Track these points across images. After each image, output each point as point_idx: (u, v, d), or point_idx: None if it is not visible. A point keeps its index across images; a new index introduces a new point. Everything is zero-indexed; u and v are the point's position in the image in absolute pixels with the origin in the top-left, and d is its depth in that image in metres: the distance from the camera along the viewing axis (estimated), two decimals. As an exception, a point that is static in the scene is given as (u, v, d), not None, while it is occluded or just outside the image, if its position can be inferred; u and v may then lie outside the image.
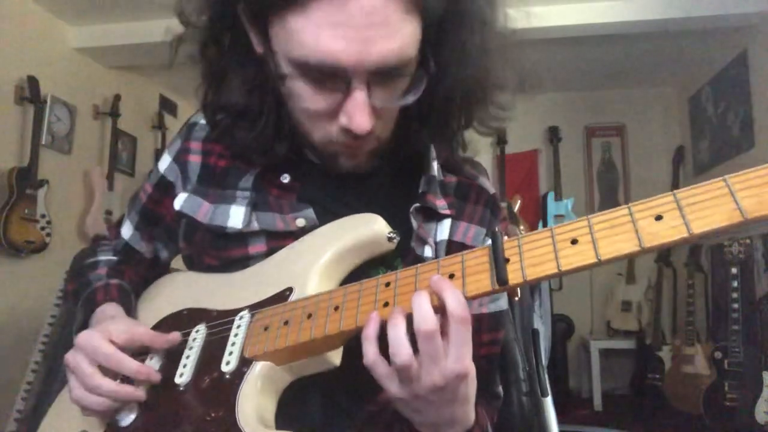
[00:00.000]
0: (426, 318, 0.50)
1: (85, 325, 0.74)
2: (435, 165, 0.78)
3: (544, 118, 4.21)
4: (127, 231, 0.87)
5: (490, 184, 0.84)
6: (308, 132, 0.69)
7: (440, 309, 0.52)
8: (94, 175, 3.19)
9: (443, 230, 0.75)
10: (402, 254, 0.70)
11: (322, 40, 0.57)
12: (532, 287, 1.12)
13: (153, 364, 0.69)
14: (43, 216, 2.77)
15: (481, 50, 0.69)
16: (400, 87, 0.65)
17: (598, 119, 4.22)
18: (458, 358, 0.51)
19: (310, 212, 0.73)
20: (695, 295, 3.18)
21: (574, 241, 0.49)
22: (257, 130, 0.71)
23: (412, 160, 0.78)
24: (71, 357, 0.66)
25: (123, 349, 0.66)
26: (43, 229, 2.77)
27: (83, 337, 0.66)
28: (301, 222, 0.72)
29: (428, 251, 0.72)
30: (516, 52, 0.73)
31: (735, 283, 2.75)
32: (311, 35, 0.57)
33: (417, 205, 0.73)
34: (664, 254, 3.58)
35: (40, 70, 2.80)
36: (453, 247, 0.75)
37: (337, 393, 0.68)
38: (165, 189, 0.81)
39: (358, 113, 0.62)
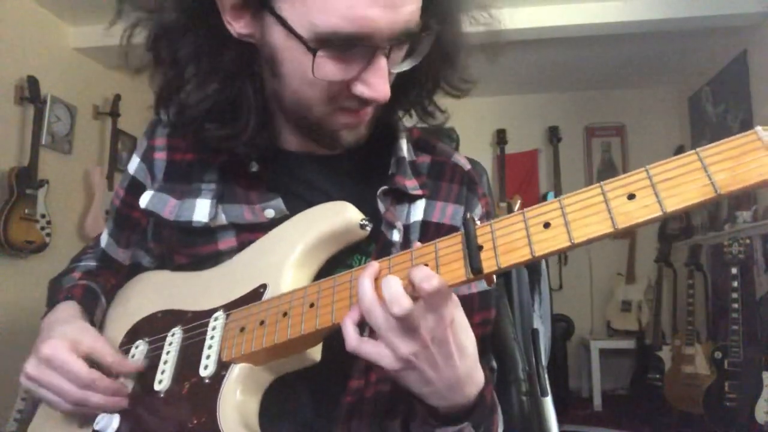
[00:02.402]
0: (429, 277, 0.49)
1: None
2: (404, 145, 0.77)
3: (544, 118, 4.21)
4: (104, 238, 0.85)
5: (465, 161, 0.82)
6: (310, 110, 0.66)
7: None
8: (94, 175, 3.19)
9: (417, 211, 0.74)
10: (375, 239, 0.69)
11: (357, 8, 0.55)
12: (532, 287, 1.12)
13: None
14: (43, 216, 2.77)
15: (458, 11, 0.69)
16: (404, 51, 0.65)
17: (598, 119, 4.22)
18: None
19: (279, 203, 0.70)
20: (695, 295, 3.18)
21: (546, 225, 0.48)
22: (241, 123, 0.67)
23: (382, 142, 0.77)
24: (38, 372, 0.64)
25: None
26: (43, 229, 2.77)
27: (48, 351, 0.63)
28: (270, 213, 0.70)
29: (396, 235, 0.70)
30: (482, 11, 0.72)
31: (735, 283, 2.74)
32: (343, 3, 0.55)
33: (385, 187, 0.71)
34: (664, 254, 3.58)
35: (40, 70, 2.80)
36: (430, 228, 0.73)
37: (325, 384, 0.67)
38: (136, 190, 0.78)
39: (381, 81, 0.60)
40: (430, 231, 0.73)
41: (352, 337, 0.52)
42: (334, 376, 0.66)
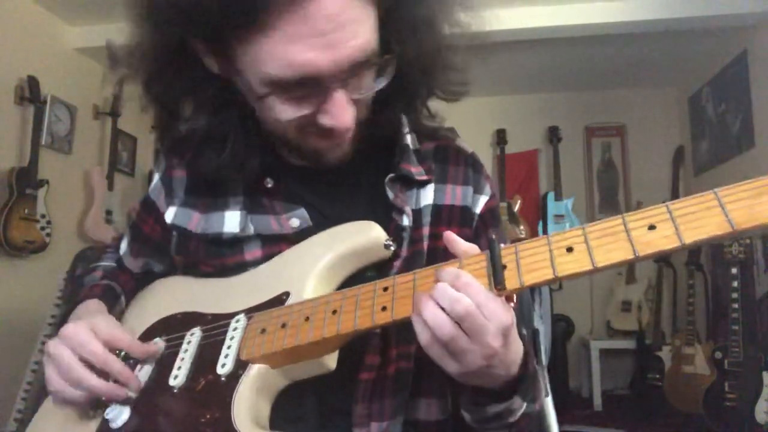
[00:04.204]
0: (459, 300, 0.51)
1: (64, 321, 0.75)
2: (408, 136, 0.79)
3: (544, 118, 4.20)
4: (123, 246, 0.89)
5: (467, 146, 0.85)
6: (288, 139, 0.70)
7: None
8: (94, 175, 3.18)
9: (426, 195, 0.76)
10: (387, 227, 0.71)
11: (295, 55, 0.57)
12: (532, 288, 1.12)
13: (146, 366, 0.69)
14: (43, 216, 2.77)
15: (430, 18, 0.70)
16: (372, 73, 0.66)
17: (598, 119, 4.22)
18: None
19: (303, 212, 0.73)
20: (695, 295, 3.17)
21: (569, 249, 0.51)
22: (227, 151, 0.71)
23: (387, 139, 0.79)
24: (54, 347, 0.66)
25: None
26: (43, 229, 2.77)
27: (70, 330, 0.66)
28: (294, 222, 0.72)
29: (405, 220, 0.72)
30: (461, 12, 0.73)
31: (735, 283, 2.74)
32: (281, 52, 0.57)
33: (391, 175, 0.74)
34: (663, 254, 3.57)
35: (40, 70, 2.80)
36: (442, 211, 0.76)
37: (332, 393, 0.68)
38: (148, 208, 0.83)
39: (341, 112, 0.63)
40: (443, 214, 0.76)
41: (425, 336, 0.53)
42: (341, 386, 0.66)
